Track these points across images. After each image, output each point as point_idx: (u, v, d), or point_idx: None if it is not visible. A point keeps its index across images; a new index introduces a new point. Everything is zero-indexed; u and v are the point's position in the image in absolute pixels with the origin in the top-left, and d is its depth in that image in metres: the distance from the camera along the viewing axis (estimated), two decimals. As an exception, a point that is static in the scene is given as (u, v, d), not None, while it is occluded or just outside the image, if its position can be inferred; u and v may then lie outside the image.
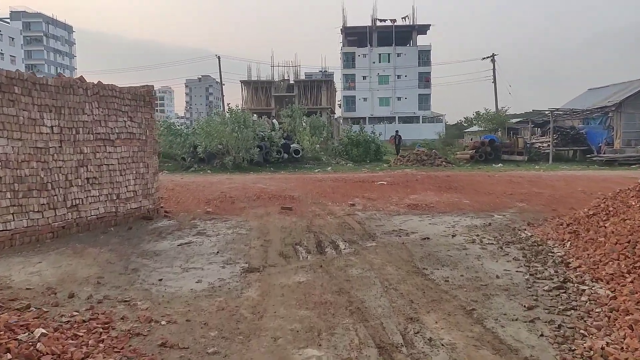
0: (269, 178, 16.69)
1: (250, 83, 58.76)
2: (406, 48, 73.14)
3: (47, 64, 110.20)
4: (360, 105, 71.07)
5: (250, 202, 11.76)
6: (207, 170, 19.24)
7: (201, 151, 19.38)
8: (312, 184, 15.05)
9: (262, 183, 15.41)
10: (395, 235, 7.98)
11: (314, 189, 13.87)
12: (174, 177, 17.78)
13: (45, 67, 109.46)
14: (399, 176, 16.40)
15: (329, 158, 22.71)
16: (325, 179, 16.21)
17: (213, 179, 16.57)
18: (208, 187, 14.52)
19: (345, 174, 18.21)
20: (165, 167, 19.91)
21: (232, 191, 13.57)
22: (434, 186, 13.98)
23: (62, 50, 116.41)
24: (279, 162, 20.80)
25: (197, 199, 12.33)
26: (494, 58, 49.31)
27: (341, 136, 27.21)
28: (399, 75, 71.91)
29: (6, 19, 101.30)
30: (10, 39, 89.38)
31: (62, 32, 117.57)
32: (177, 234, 8.18)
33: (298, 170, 20.25)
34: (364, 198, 12.29)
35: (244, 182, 15.61)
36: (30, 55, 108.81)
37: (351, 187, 14.21)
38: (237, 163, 19.45)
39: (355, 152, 25.72)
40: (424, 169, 20.15)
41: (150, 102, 10.17)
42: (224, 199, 12.19)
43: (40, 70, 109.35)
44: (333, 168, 20.09)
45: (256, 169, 19.69)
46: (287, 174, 18.51)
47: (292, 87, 61.17)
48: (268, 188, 14.21)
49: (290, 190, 13.74)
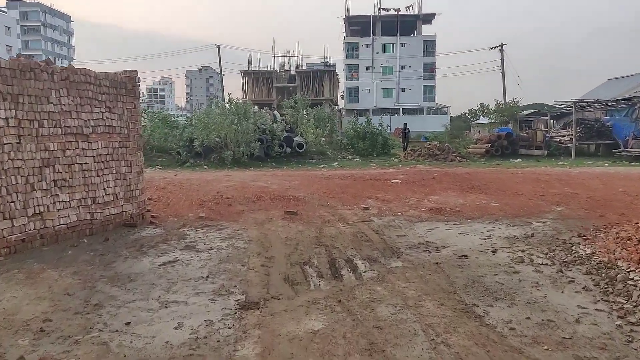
0: (270, 175, 15.32)
1: (251, 73, 57.33)
2: (410, 38, 71.41)
3: (44, 54, 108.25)
4: (363, 96, 69.50)
5: (250, 205, 10.40)
6: (204, 166, 17.84)
7: (198, 145, 17.95)
8: (318, 182, 13.67)
9: (263, 181, 14.04)
10: (424, 250, 6.62)
11: (321, 188, 12.50)
12: (167, 173, 16.41)
13: (42, 57, 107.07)
14: (413, 173, 15.02)
15: (334, 152, 21.27)
16: (332, 176, 14.84)
17: (209, 176, 15.20)
18: (203, 185, 13.15)
19: (353, 171, 16.82)
20: (158, 162, 18.54)
21: (230, 191, 12.20)
22: (454, 185, 12.59)
23: (60, 40, 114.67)
24: (281, 156, 19.38)
25: (190, 200, 10.97)
26: (503, 48, 47.70)
27: (346, 129, 25.75)
28: (403, 66, 70.27)
29: (3, 8, 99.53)
30: (6, 28, 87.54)
31: (60, 21, 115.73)
32: (161, 248, 6.81)
33: (302, 165, 18.93)
34: (377, 199, 10.91)
35: (243, 180, 14.23)
36: (27, 45, 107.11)
37: (362, 186, 12.84)
38: (237, 158, 18.04)
39: (362, 145, 24.29)
40: (437, 164, 18.74)
41: (134, 90, 8.78)
42: (220, 201, 10.83)
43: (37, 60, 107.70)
44: (340, 163, 18.69)
45: (257, 165, 18.29)
46: (290, 170, 17.15)
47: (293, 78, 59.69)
48: (270, 187, 12.84)
49: (295, 190, 12.37)
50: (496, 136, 21.60)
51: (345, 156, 21.28)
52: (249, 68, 58.40)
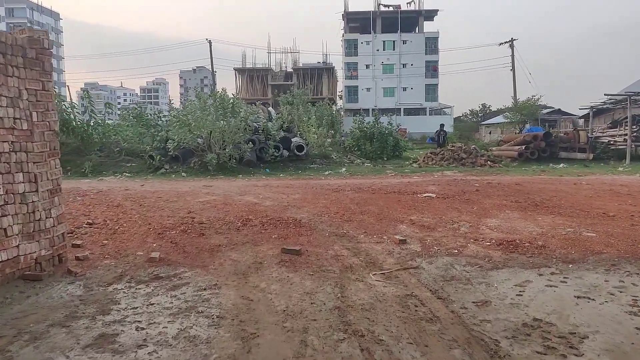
0: (263, 185, 12.07)
1: (245, 71, 54.07)
2: (412, 35, 68.31)
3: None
4: (363, 95, 66.30)
5: (231, 234, 7.18)
6: (182, 173, 14.54)
7: (172, 147, 14.65)
8: (326, 195, 10.43)
9: (254, 194, 10.78)
10: (544, 346, 3.42)
11: (331, 206, 9.27)
12: (132, 183, 13.11)
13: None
14: (446, 183, 11.76)
15: (340, 156, 18.04)
16: (342, 186, 11.60)
17: (184, 187, 11.92)
18: (173, 201, 9.88)
19: (367, 179, 13.55)
20: (127, 168, 15.23)
21: (207, 210, 8.94)
22: (510, 202, 9.37)
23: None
24: (277, 161, 16.05)
25: (147, 226, 7.74)
26: (513, 44, 44.64)
27: (351, 128, 22.52)
28: (404, 64, 67.17)
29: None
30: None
31: (49, 19, 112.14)
32: (51, 340, 3.57)
33: (302, 172, 15.57)
34: (413, 224, 7.70)
35: (227, 193, 10.96)
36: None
37: (385, 202, 9.60)
38: (222, 162, 14.74)
39: (369, 147, 21.07)
40: (467, 170, 15.45)
41: (41, 61, 5.52)
42: (190, 227, 7.59)
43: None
44: (348, 169, 15.41)
45: (247, 171, 14.99)
46: (289, 179, 13.84)
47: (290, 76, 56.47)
48: (262, 203, 9.59)
49: (295, 208, 9.13)
50: (531, 137, 18.37)
51: (353, 160, 18.02)
52: (243, 65, 55.14)
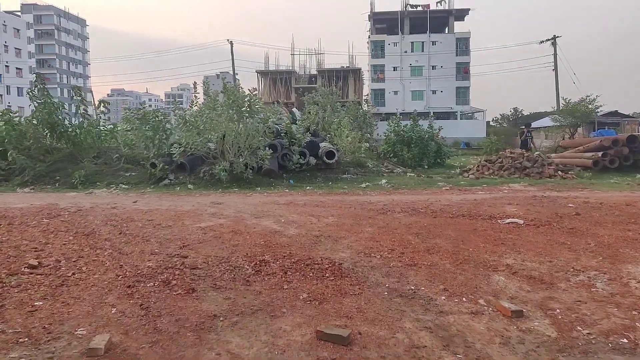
0: (286, 203, 9.46)
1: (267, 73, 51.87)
2: (442, 35, 65.24)
3: (58, 58, 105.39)
4: (390, 99, 63.41)
5: (237, 292, 4.66)
6: (188, 185, 12.01)
7: (177, 154, 12.16)
8: (370, 219, 7.75)
9: (273, 215, 8.18)
10: None
11: (381, 237, 6.60)
12: (124, 198, 10.66)
13: (56, 61, 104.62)
14: (525, 202, 8.83)
15: (376, 164, 15.29)
16: (389, 205, 8.90)
17: (187, 204, 9.39)
18: (166, 227, 7.35)
19: (417, 194, 10.71)
20: (125, 178, 12.80)
21: (207, 243, 6.38)
22: (636, 232, 6.55)
23: (74, 44, 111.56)
24: (303, 170, 13.60)
25: (116, 271, 5.27)
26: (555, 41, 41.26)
27: (386, 132, 19.81)
28: (433, 66, 64.11)
29: (17, 12, 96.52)
30: (15, 31, 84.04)
31: (75, 25, 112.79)
32: None
33: (334, 184, 12.58)
34: (514, 273, 5.00)
35: (239, 214, 8.39)
36: (41, 50, 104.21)
37: (455, 230, 6.87)
38: (237, 173, 12.22)
39: (407, 154, 18.32)
40: (536, 183, 12.36)
41: None
42: (177, 275, 5.07)
43: (51, 65, 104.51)
44: (389, 181, 12.67)
45: (266, 183, 12.35)
46: (318, 193, 11.06)
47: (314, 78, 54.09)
48: (284, 231, 6.98)
49: (331, 240, 6.50)
50: (611, 141, 15.27)
51: (392, 169, 15.28)
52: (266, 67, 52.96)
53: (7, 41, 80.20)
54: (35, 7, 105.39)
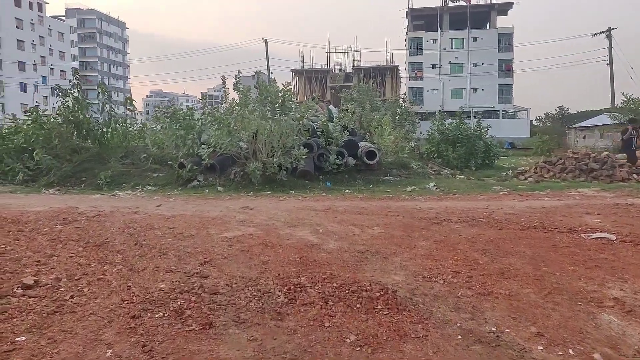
0: (323, 209, 8.43)
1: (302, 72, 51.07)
2: (483, 31, 62.94)
3: (100, 61, 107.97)
4: (428, 97, 61.55)
5: (265, 329, 3.69)
6: (218, 187, 11.13)
7: (206, 154, 11.35)
8: (424, 231, 6.63)
9: (310, 224, 7.17)
10: None
11: (440, 254, 5.48)
12: (148, 202, 9.85)
13: (98, 64, 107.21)
14: (607, 210, 7.47)
15: (421, 165, 14.04)
16: (443, 213, 7.73)
17: (214, 210, 8.49)
18: (188, 236, 6.44)
19: (472, 200, 9.33)
20: (152, 179, 12.07)
21: (232, 259, 5.42)
22: None
23: (115, 47, 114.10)
24: (341, 171, 12.67)
25: (122, 294, 4.41)
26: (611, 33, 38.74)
27: (430, 131, 18.54)
28: (474, 63, 61.92)
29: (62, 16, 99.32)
30: (59, 34, 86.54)
31: (116, 29, 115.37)
32: None
33: (375, 187, 11.47)
34: (629, 312, 3.77)
35: (271, 222, 7.41)
36: (84, 53, 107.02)
37: (530, 246, 5.66)
38: (269, 174, 11.30)
39: (452, 154, 17.01)
40: (609, 187, 10.79)
41: None
42: (193, 303, 4.15)
43: (93, 67, 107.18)
44: (437, 184, 11.41)
45: (301, 185, 11.36)
46: (359, 198, 9.96)
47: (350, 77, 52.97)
48: (322, 245, 5.96)
49: (380, 258, 5.44)
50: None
51: (439, 171, 14.01)
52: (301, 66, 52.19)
53: (52, 45, 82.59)
54: (79, 11, 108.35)
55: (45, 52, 79.44)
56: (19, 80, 67.97)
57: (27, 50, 73.28)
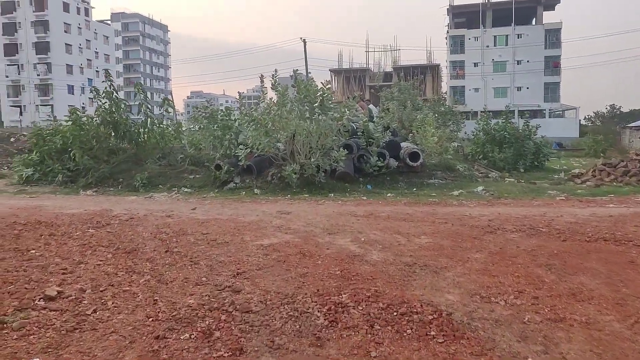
0: (364, 214, 7.92)
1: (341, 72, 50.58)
2: (529, 28, 60.66)
3: (142, 63, 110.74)
4: (470, 96, 59.83)
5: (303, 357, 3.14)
6: (254, 189, 10.80)
7: (242, 156, 11.03)
8: (476, 241, 6.02)
9: (350, 232, 6.68)
10: None
11: (497, 268, 4.90)
12: (183, 205, 9.59)
13: (141, 65, 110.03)
14: None
15: (467, 167, 13.27)
16: (496, 220, 7.09)
17: (251, 214, 8.12)
18: (222, 243, 6.07)
19: (526, 205, 8.53)
20: (189, 181, 11.87)
21: (267, 271, 5.00)
22: None
23: (157, 49, 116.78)
24: (382, 173, 11.98)
25: (148, 309, 4.08)
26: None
27: (474, 130, 17.71)
28: (519, 61, 59.76)
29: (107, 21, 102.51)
30: (104, 38, 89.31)
31: (158, 31, 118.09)
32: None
33: (419, 190, 10.78)
34: None
35: (309, 228, 6.97)
36: (128, 55, 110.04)
37: (601, 261, 4.97)
38: (308, 176, 10.90)
39: (499, 155, 16.14)
40: None
41: None
42: (222, 322, 3.78)
43: (136, 69, 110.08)
44: (486, 187, 10.68)
45: (340, 188, 10.85)
46: (403, 202, 9.27)
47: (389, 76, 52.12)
48: (365, 256, 5.46)
49: (430, 272, 4.90)
50: None
51: (486, 173, 13.22)
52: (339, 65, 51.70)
53: (97, 48, 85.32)
54: (123, 15, 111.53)
55: (91, 55, 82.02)
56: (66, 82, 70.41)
57: (74, 54, 75.84)
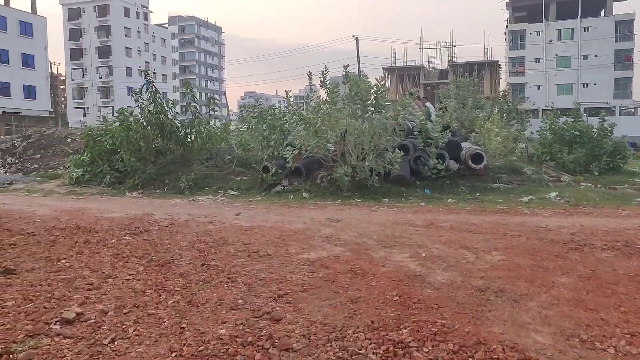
0: (424, 224, 7.07)
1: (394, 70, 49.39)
2: (597, 20, 57.05)
3: (197, 65, 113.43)
4: (531, 94, 56.85)
5: None
6: (303, 193, 10.13)
7: (290, 157, 10.45)
8: (559, 260, 5.08)
9: (409, 244, 5.89)
10: None
11: (591, 298, 4.00)
12: (227, 209, 9.06)
13: (196, 67, 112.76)
14: None
15: (535, 170, 12.06)
16: (580, 235, 6.07)
17: (297, 221, 7.47)
18: (263, 256, 5.45)
19: (612, 216, 7.40)
20: (235, 183, 11.41)
21: (313, 292, 4.31)
22: None
23: (211, 50, 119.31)
24: (441, 176, 10.77)
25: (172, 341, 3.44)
26: None
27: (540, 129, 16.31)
28: (585, 55, 56.33)
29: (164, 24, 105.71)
30: (162, 41, 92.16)
31: (213, 33, 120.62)
32: None
33: (483, 196, 9.75)
34: None
35: (361, 239, 6.22)
36: (184, 57, 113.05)
37: None
38: (360, 179, 10.16)
39: (568, 156, 14.70)
40: None
41: None
42: None
43: (191, 70, 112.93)
44: (560, 192, 9.52)
45: (395, 193, 9.99)
46: (466, 210, 8.27)
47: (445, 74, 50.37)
48: (427, 276, 4.66)
49: (507, 304, 4.05)
50: None
51: (557, 176, 11.94)
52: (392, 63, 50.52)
53: (155, 51, 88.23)
54: (180, 18, 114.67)
55: (149, 57, 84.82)
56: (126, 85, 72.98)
57: (133, 57, 78.66)
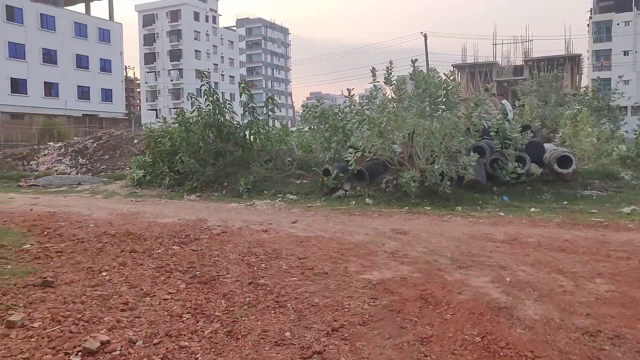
0: (506, 240, 6.06)
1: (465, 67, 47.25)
2: (697, 6, 51.67)
3: (264, 66, 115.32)
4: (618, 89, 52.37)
5: None
6: (366, 199, 9.33)
7: (352, 159, 9.65)
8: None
9: (490, 264, 5.00)
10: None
11: None
12: (284, 215, 8.48)
13: (262, 68, 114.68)
14: None
15: (636, 175, 10.54)
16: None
17: (357, 232, 6.72)
18: (319, 275, 4.79)
19: None
20: (294, 186, 10.84)
21: (374, 326, 3.56)
22: None
23: (277, 52, 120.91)
24: (521, 181, 9.57)
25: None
26: None
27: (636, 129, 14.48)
28: (680, 46, 51.17)
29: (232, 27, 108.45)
30: (229, 43, 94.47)
31: (279, 34, 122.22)
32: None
33: (572, 205, 8.49)
34: None
35: (431, 259, 5.38)
36: (251, 59, 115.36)
37: None
38: (430, 184, 9.26)
39: (668, 159, 12.85)
40: None
41: None
42: None
43: (258, 72, 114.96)
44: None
45: (469, 200, 8.94)
46: (555, 224, 7.01)
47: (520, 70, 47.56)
48: (516, 312, 3.79)
49: (627, 348, 3.07)
50: None
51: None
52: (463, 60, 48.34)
53: (223, 53, 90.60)
54: (247, 20, 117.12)
55: (218, 60, 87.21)
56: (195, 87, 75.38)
57: (202, 59, 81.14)
